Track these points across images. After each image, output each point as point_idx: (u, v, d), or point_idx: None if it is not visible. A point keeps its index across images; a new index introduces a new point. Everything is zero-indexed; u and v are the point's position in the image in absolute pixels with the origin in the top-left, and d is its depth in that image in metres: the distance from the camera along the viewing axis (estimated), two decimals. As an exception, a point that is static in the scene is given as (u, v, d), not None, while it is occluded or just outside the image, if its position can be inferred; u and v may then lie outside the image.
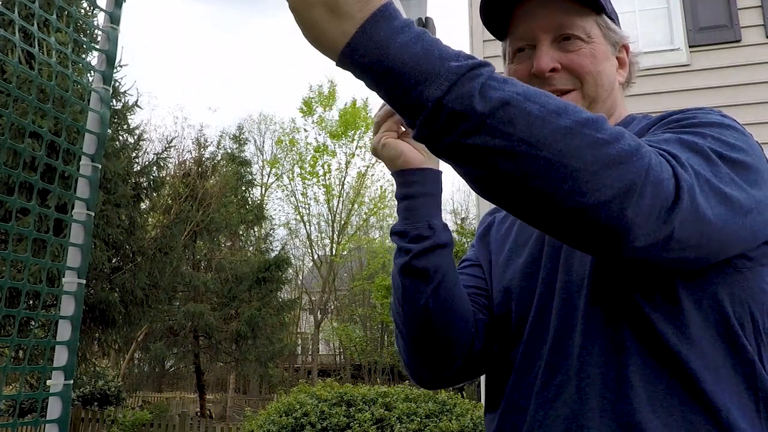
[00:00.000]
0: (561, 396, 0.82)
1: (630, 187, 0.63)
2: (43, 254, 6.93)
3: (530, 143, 0.61)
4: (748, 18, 5.06)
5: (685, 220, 0.67)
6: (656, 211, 0.65)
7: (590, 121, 0.64)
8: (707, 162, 0.73)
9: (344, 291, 25.81)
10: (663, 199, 0.65)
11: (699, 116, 0.82)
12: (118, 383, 14.09)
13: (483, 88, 0.62)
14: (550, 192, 0.63)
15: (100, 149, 1.91)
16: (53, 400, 1.74)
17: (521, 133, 0.61)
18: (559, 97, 0.67)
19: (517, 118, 0.61)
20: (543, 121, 0.62)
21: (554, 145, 0.62)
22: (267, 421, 5.54)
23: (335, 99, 25.54)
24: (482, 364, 0.98)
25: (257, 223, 20.12)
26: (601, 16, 0.94)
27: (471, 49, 5.68)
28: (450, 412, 5.34)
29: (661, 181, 0.65)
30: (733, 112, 3.83)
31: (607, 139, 0.64)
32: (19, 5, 4.77)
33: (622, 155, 0.64)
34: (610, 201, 0.63)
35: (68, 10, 2.07)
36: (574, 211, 0.64)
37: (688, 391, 0.76)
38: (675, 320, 0.78)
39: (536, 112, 0.62)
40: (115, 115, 10.74)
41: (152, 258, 10.90)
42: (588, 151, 0.62)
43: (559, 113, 0.63)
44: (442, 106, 0.62)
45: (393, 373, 22.32)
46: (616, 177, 0.63)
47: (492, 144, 0.62)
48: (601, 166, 0.63)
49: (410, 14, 1.03)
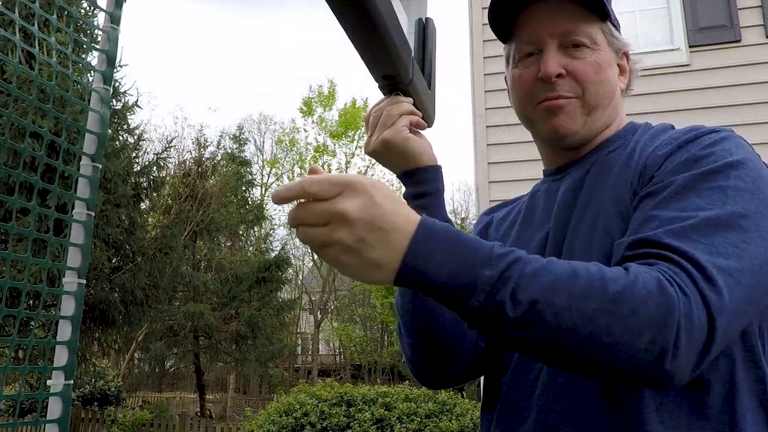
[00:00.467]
0: (563, 399, 0.82)
1: (663, 348, 0.66)
2: (43, 254, 6.93)
3: (561, 331, 0.66)
4: (748, 18, 5.06)
5: (721, 338, 0.69)
6: (694, 354, 0.67)
7: (616, 297, 0.67)
8: (728, 236, 0.73)
9: (344, 291, 25.81)
10: (698, 342, 0.67)
11: (713, 154, 0.81)
12: (118, 383, 14.09)
13: (514, 292, 0.66)
14: (593, 363, 0.67)
15: (100, 149, 1.91)
16: (53, 400, 1.74)
17: (551, 325, 0.66)
18: (585, 274, 0.68)
19: (546, 313, 0.66)
20: (570, 311, 0.66)
21: (584, 330, 0.66)
22: (267, 421, 5.54)
23: (335, 99, 25.57)
24: (484, 363, 0.99)
25: (257, 223, 20.11)
26: (605, 23, 0.94)
27: (471, 50, 5.68)
28: (450, 412, 5.34)
29: (692, 327, 0.67)
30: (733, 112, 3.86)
31: (634, 308, 0.66)
32: (20, 5, 4.77)
33: (651, 321, 0.66)
34: (648, 364, 0.66)
35: (68, 10, 2.07)
36: (620, 374, 0.68)
37: (695, 403, 0.76)
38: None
39: (563, 303, 0.66)
40: (115, 115, 10.74)
41: (152, 258, 10.90)
42: (617, 327, 0.66)
43: (585, 298, 0.66)
44: (484, 312, 0.66)
45: (393, 373, 22.31)
46: (650, 341, 0.66)
47: (528, 336, 0.67)
48: (633, 335, 0.66)
49: (410, 14, 1.03)
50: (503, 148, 5.25)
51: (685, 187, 0.78)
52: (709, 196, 0.76)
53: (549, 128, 0.94)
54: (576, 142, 0.96)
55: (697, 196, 0.77)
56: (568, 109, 0.93)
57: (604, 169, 0.92)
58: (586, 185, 0.92)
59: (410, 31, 1.02)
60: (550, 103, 0.93)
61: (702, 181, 0.78)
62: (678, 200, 0.77)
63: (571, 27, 0.91)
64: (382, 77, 0.93)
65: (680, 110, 4.93)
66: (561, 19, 0.92)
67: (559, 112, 0.93)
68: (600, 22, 0.94)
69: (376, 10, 0.77)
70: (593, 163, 0.94)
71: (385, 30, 0.80)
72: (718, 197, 0.76)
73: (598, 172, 0.92)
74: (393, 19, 0.83)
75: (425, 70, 1.02)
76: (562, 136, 0.94)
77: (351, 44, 0.84)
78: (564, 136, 0.95)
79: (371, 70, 0.91)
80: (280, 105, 47.52)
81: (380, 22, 0.78)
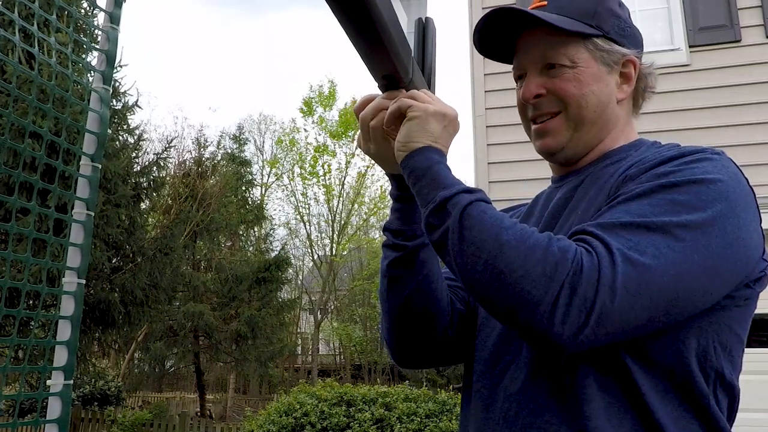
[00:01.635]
0: (526, 391, 0.87)
1: (547, 292, 0.74)
2: (43, 254, 6.93)
3: (477, 246, 0.79)
4: (748, 18, 5.06)
5: (606, 321, 0.74)
6: (575, 315, 0.74)
7: (527, 239, 0.78)
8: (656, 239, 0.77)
9: (344, 291, 25.80)
10: (580, 304, 0.74)
11: (683, 170, 0.84)
12: (118, 383, 14.08)
13: (470, 204, 0.83)
14: (487, 287, 0.78)
15: (100, 149, 1.91)
16: (53, 400, 1.74)
17: (474, 238, 0.80)
18: (516, 224, 0.81)
19: (474, 227, 0.81)
20: (489, 233, 0.79)
21: (492, 252, 0.78)
22: (267, 421, 5.54)
23: (335, 99, 25.52)
24: (456, 352, 1.08)
25: (257, 223, 20.11)
26: (590, 40, 0.99)
27: (471, 49, 5.68)
28: (450, 412, 5.34)
29: (577, 287, 0.74)
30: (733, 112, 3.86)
31: (535, 252, 0.76)
32: (19, 5, 4.77)
33: (544, 265, 0.75)
34: (531, 306, 0.75)
35: (68, 10, 2.07)
36: (511, 312, 0.78)
37: (636, 408, 0.81)
38: (634, 344, 0.82)
39: (488, 225, 0.80)
40: (115, 115, 10.74)
41: (152, 258, 10.89)
42: (516, 261, 0.77)
43: (505, 230, 0.79)
44: (444, 206, 0.84)
45: (393, 373, 22.31)
46: (536, 283, 0.75)
47: (456, 243, 0.81)
48: (526, 274, 0.75)
49: (410, 14, 1.03)
50: (503, 148, 5.25)
51: (639, 195, 0.82)
52: (657, 205, 0.80)
53: (539, 147, 1.04)
54: (566, 157, 1.03)
55: (648, 204, 0.81)
56: (553, 127, 1.00)
57: (594, 180, 0.97)
58: (576, 195, 0.97)
59: (410, 31, 1.02)
60: (537, 127, 1.03)
61: (658, 192, 0.81)
62: (628, 205, 0.82)
63: (547, 52, 0.99)
64: (382, 77, 0.93)
65: (680, 110, 4.93)
66: (539, 46, 1.00)
67: (545, 135, 1.02)
68: (582, 40, 0.98)
69: (376, 10, 0.77)
70: (589, 174, 0.99)
71: (385, 30, 0.80)
72: (665, 208, 0.79)
73: (589, 183, 0.97)
74: (393, 19, 0.83)
75: (425, 70, 1.02)
76: (550, 153, 1.03)
77: (351, 44, 0.84)
78: (552, 153, 1.03)
79: (371, 70, 0.91)
80: (280, 105, 47.53)
81: (380, 22, 0.78)
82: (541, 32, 0.99)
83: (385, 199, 25.04)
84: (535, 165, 4.50)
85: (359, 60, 0.89)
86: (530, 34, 1.01)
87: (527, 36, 1.01)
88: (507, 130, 5.18)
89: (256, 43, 48.30)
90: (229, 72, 46.54)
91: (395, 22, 0.85)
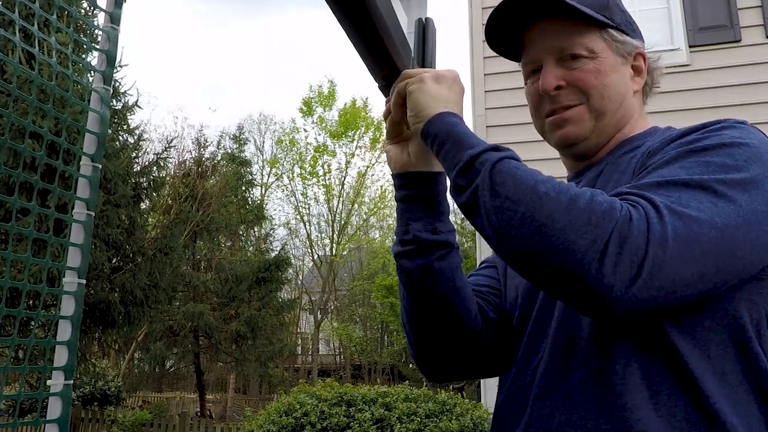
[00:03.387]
0: (558, 387, 0.83)
1: (594, 245, 0.70)
2: (43, 254, 6.93)
3: (513, 200, 0.75)
4: (748, 18, 5.06)
5: (659, 274, 0.70)
6: (626, 267, 0.69)
7: (567, 191, 0.74)
8: (697, 194, 0.74)
9: (344, 291, 25.80)
10: (631, 255, 0.69)
11: (710, 137, 0.81)
12: (118, 383, 14.07)
13: (500, 161, 0.80)
14: (526, 242, 0.74)
15: (100, 149, 1.91)
16: (53, 400, 1.74)
17: (508, 192, 0.76)
18: (559, 181, 0.77)
19: (507, 182, 0.77)
20: (526, 186, 0.76)
21: (530, 204, 0.74)
22: (267, 421, 5.54)
23: (335, 99, 25.53)
24: (495, 360, 1.02)
25: (257, 223, 20.10)
26: (606, 30, 0.96)
27: (471, 50, 5.68)
28: (450, 412, 5.34)
29: (627, 237, 0.70)
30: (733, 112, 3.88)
31: (578, 203, 0.73)
32: (20, 5, 4.77)
33: (590, 216, 0.71)
34: (577, 259, 0.70)
35: (68, 10, 2.07)
36: (554, 268, 0.72)
37: (689, 394, 0.75)
38: (683, 321, 0.78)
39: (524, 180, 0.76)
40: (115, 115, 10.73)
41: (152, 258, 10.89)
42: (558, 214, 0.72)
43: (543, 183, 0.76)
44: (472, 165, 0.81)
45: (393, 373, 22.31)
46: (582, 234, 0.70)
47: (490, 201, 0.78)
48: (570, 225, 0.71)
49: (410, 14, 1.03)
50: (503, 148, 5.24)
51: (668, 161, 0.80)
52: (690, 167, 0.77)
53: (557, 138, 0.99)
54: (587, 148, 0.99)
55: (680, 167, 0.78)
56: (574, 117, 0.96)
57: (614, 168, 0.94)
58: (597, 185, 0.94)
59: (410, 31, 1.02)
60: (555, 118, 0.98)
61: (688, 156, 0.79)
62: (659, 170, 0.79)
63: (565, 42, 0.96)
64: (382, 77, 0.93)
65: (680, 110, 4.92)
66: (555, 36, 0.96)
67: (564, 124, 0.97)
68: (598, 29, 0.96)
69: (376, 11, 0.77)
70: (607, 163, 0.97)
71: (385, 30, 0.80)
72: (701, 168, 0.77)
73: (609, 173, 0.94)
74: (393, 19, 0.84)
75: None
76: (572, 142, 0.98)
77: (351, 44, 0.84)
78: (573, 143, 0.99)
79: (371, 71, 0.91)
80: (280, 105, 47.53)
81: (380, 22, 0.78)
82: (557, 22, 0.96)
83: (385, 199, 25.04)
84: (536, 165, 4.46)
85: (359, 60, 0.89)
86: (543, 25, 0.98)
87: (540, 27, 0.98)
88: (507, 130, 5.17)
89: (256, 43, 48.30)
90: (229, 72, 46.54)
91: (395, 22, 0.85)
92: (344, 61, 44.06)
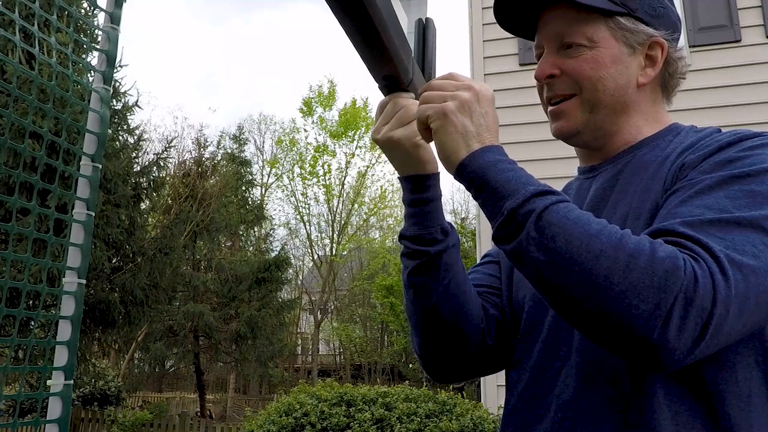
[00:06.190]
0: (581, 400, 0.82)
1: (657, 308, 0.67)
2: (43, 254, 6.93)
3: (565, 258, 0.71)
4: (748, 18, 5.06)
5: (722, 330, 0.68)
6: (690, 330, 0.67)
7: (624, 246, 0.70)
8: (750, 236, 0.72)
9: (344, 291, 25.80)
10: (696, 319, 0.67)
11: (750, 157, 0.79)
12: (118, 383, 14.07)
13: (543, 210, 0.74)
14: (581, 302, 0.70)
15: (100, 149, 1.91)
16: (53, 400, 1.74)
17: (560, 249, 0.71)
18: (606, 225, 0.73)
19: (558, 237, 0.72)
20: (579, 243, 0.71)
21: (586, 263, 0.69)
22: (267, 421, 5.54)
23: (335, 99, 25.52)
24: (495, 360, 1.01)
25: (257, 223, 20.11)
26: (613, 19, 0.93)
27: (471, 50, 5.68)
28: (450, 412, 5.34)
29: (694, 302, 0.67)
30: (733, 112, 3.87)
31: (638, 262, 0.68)
32: (20, 5, 4.77)
33: (651, 278, 0.67)
34: (638, 322, 0.67)
35: (68, 10, 2.07)
36: (613, 331, 0.69)
37: (711, 415, 0.75)
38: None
39: (576, 235, 0.71)
40: (115, 115, 10.73)
41: (152, 258, 10.89)
42: (617, 274, 0.68)
43: (597, 237, 0.71)
44: (514, 217, 0.75)
45: (393, 373, 22.31)
46: (643, 297, 0.67)
47: (537, 254, 0.73)
48: (630, 286, 0.68)
49: (410, 14, 1.03)
50: (503, 147, 5.24)
51: (712, 186, 0.77)
52: (736, 198, 0.75)
53: (554, 130, 0.98)
54: (584, 141, 0.98)
55: (725, 196, 0.76)
56: (566, 111, 0.95)
57: (637, 169, 0.91)
58: (619, 184, 0.92)
59: (410, 31, 1.02)
60: (552, 109, 0.97)
61: (732, 183, 0.77)
62: (703, 198, 0.76)
63: (565, 30, 0.94)
64: (382, 77, 0.93)
65: (680, 110, 4.92)
66: (558, 24, 0.95)
67: (559, 117, 0.97)
68: (604, 18, 0.93)
69: (376, 11, 0.77)
70: (626, 163, 0.94)
71: (385, 30, 0.80)
72: (746, 201, 0.75)
73: (631, 173, 0.92)
74: (393, 19, 0.83)
75: (425, 70, 1.02)
76: (565, 136, 0.98)
77: (351, 45, 0.84)
78: (567, 137, 0.98)
79: (371, 71, 0.91)
80: (280, 105, 47.53)
81: (380, 22, 0.78)
82: (562, 8, 0.94)
83: (385, 199, 25.05)
84: (536, 164, 4.50)
85: (359, 60, 0.89)
86: (552, 10, 0.96)
87: (549, 12, 0.97)
88: (507, 129, 5.16)
89: (256, 43, 48.30)
90: (229, 72, 46.54)
91: (395, 22, 0.85)
92: (344, 61, 44.07)
